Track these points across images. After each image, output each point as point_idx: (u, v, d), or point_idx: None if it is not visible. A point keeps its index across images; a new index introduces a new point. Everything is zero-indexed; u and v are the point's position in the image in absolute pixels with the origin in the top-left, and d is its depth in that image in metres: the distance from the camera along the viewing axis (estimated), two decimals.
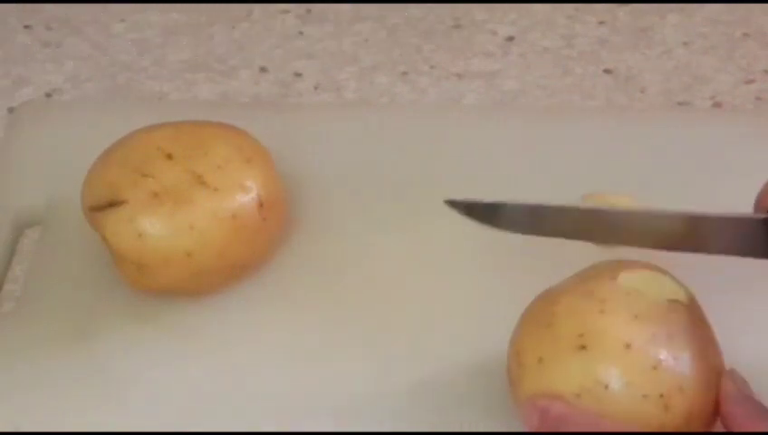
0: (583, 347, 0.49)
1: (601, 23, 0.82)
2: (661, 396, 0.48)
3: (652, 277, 0.52)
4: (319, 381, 0.57)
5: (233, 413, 0.56)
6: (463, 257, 0.62)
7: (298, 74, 0.79)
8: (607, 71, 0.78)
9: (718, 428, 0.50)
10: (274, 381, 0.57)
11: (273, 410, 0.56)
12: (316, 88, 0.78)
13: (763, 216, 0.52)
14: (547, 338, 0.50)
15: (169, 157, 0.59)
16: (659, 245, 0.53)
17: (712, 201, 0.64)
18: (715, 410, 0.50)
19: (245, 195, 0.59)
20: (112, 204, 0.58)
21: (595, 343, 0.49)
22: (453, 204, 0.56)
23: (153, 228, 0.57)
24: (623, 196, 0.59)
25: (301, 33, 0.82)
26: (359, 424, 0.55)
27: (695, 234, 0.53)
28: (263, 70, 0.79)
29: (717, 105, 0.75)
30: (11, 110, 0.76)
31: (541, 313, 0.52)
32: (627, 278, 0.52)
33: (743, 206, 0.63)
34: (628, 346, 0.49)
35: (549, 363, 0.50)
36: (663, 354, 0.49)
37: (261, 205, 0.59)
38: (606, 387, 0.49)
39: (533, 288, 0.56)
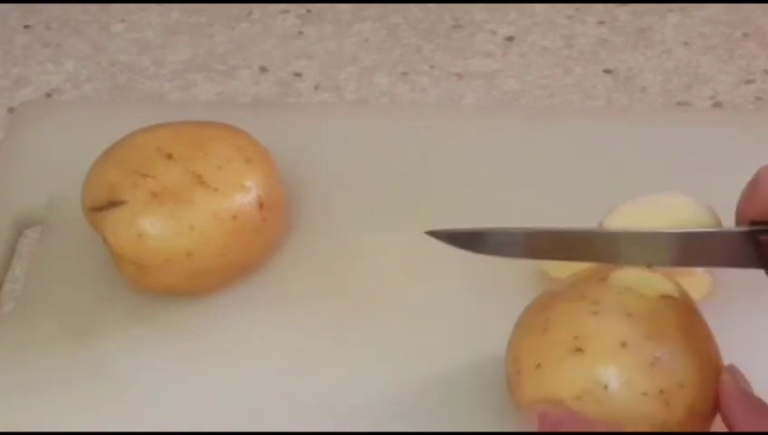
0: (580, 350, 0.49)
1: (601, 23, 0.82)
2: (661, 392, 0.49)
3: (643, 275, 0.52)
4: (318, 381, 0.57)
5: (232, 413, 0.56)
6: (463, 257, 0.62)
7: (298, 74, 0.79)
8: (607, 71, 0.78)
9: (718, 423, 0.50)
10: (274, 382, 0.57)
11: (272, 410, 0.56)
12: (316, 88, 0.78)
13: (745, 229, 0.52)
14: (543, 343, 0.50)
15: (169, 157, 0.59)
16: (648, 263, 0.53)
17: (712, 201, 0.64)
18: (715, 406, 0.50)
19: (245, 195, 0.59)
20: (112, 204, 0.58)
21: (591, 344, 0.49)
22: (435, 234, 0.56)
23: (153, 228, 0.57)
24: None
25: (301, 33, 0.82)
26: (358, 424, 0.55)
27: (681, 251, 0.53)
28: (263, 70, 0.79)
29: (717, 105, 0.75)
30: (11, 110, 0.76)
31: (535, 318, 0.52)
32: (618, 278, 0.52)
33: None
34: (623, 345, 0.49)
35: (547, 369, 0.50)
36: (660, 351, 0.49)
37: (261, 205, 0.59)
38: (605, 387, 0.49)
39: (534, 286, 0.56)
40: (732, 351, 0.52)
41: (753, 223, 0.51)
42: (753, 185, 0.51)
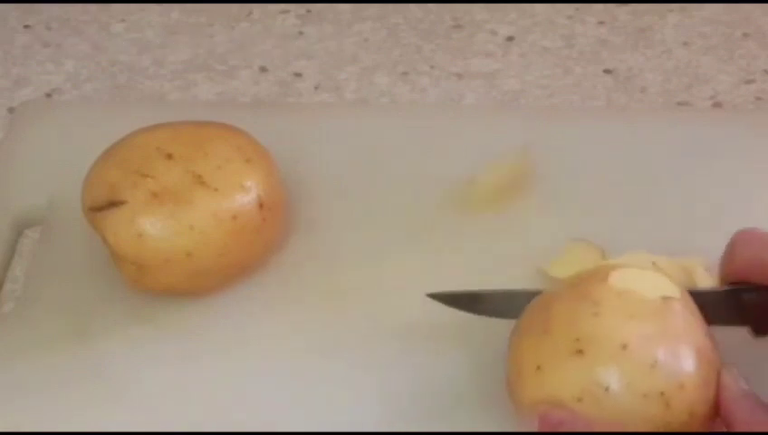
0: (580, 351, 0.49)
1: (601, 23, 0.82)
2: (662, 394, 0.48)
3: (643, 275, 0.52)
4: (318, 381, 0.57)
5: (232, 413, 0.56)
6: (463, 257, 0.62)
7: (298, 74, 0.79)
8: (607, 71, 0.78)
9: (720, 424, 0.50)
10: (274, 381, 0.57)
11: (272, 410, 0.56)
12: (316, 88, 0.78)
13: (727, 288, 0.54)
14: (544, 345, 0.50)
15: (169, 157, 0.59)
16: None
17: (711, 201, 0.65)
18: (716, 406, 0.50)
19: (245, 195, 0.59)
20: (112, 204, 0.58)
21: (592, 346, 0.49)
22: (435, 296, 0.57)
23: (153, 228, 0.57)
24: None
25: (301, 33, 0.82)
26: (358, 424, 0.55)
27: None
28: (263, 70, 0.79)
29: (717, 105, 0.75)
30: (11, 110, 0.76)
31: (536, 320, 0.52)
32: (618, 278, 0.52)
33: (740, 204, 0.63)
34: (624, 347, 0.49)
35: (548, 370, 0.50)
36: (660, 352, 0.49)
37: (261, 205, 0.59)
38: (606, 389, 0.49)
39: (534, 286, 0.56)
40: (731, 351, 0.52)
41: (733, 283, 0.54)
42: (730, 249, 0.53)
